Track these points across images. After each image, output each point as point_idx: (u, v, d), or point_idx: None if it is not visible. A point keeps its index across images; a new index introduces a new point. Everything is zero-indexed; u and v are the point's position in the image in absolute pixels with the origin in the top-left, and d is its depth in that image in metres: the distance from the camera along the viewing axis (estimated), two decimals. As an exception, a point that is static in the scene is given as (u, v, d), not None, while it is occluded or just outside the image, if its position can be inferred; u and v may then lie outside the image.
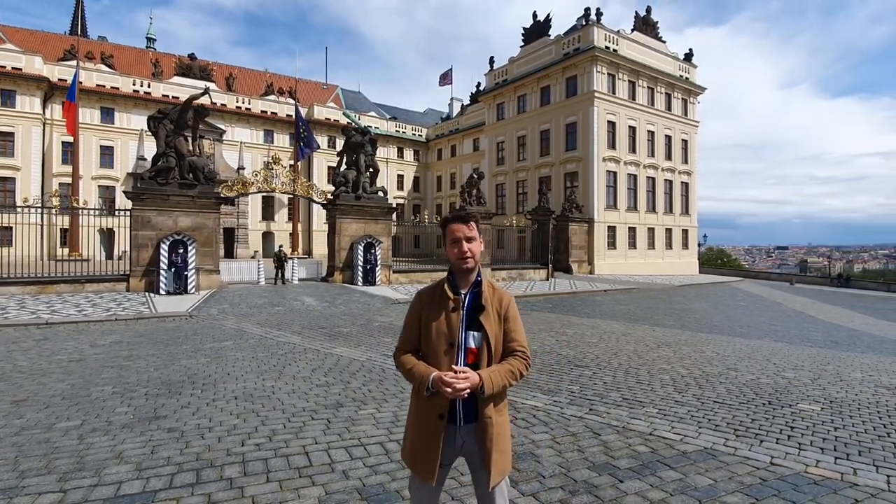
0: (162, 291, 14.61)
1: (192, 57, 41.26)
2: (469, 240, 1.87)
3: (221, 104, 40.27)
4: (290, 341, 8.66)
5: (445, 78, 52.68)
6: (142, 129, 35.27)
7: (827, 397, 5.80)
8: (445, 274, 2.00)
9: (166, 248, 14.80)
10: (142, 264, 15.08)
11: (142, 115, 35.25)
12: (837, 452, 4.01)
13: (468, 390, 1.70)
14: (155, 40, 49.66)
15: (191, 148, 16.56)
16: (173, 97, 36.42)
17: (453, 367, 1.75)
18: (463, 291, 1.89)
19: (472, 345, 1.84)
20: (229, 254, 37.59)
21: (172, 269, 14.82)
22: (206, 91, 17.06)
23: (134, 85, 37.74)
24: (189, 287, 14.99)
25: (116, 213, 16.13)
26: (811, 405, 5.43)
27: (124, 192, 16.72)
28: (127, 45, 45.18)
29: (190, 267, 15.08)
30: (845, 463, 3.80)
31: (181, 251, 14.94)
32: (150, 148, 31.95)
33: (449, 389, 1.68)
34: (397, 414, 4.75)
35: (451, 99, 54.78)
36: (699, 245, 39.95)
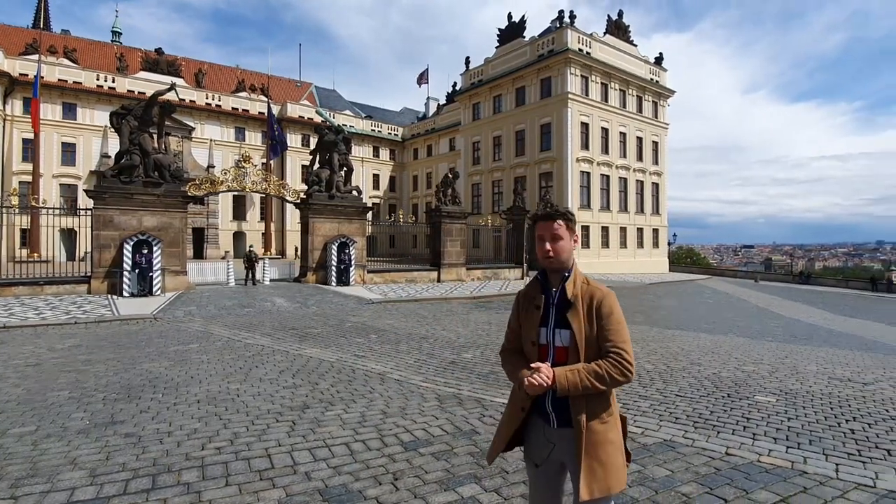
0: (125, 293, 14.12)
1: (159, 52, 40.03)
2: (554, 238, 1.84)
3: (190, 100, 39.22)
4: (259, 343, 8.49)
5: (422, 78, 52.64)
6: (105, 126, 33.92)
7: (783, 389, 6.03)
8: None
9: (130, 248, 14.31)
10: (104, 265, 14.54)
11: (106, 111, 33.73)
12: (789, 442, 4.17)
13: (540, 386, 1.65)
14: (121, 34, 47.88)
15: (156, 145, 16.06)
16: (139, 93, 35.24)
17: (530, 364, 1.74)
18: (554, 289, 1.86)
19: (560, 343, 1.79)
20: (199, 254, 36.63)
21: (136, 271, 14.34)
22: (173, 87, 16.60)
23: (98, 80, 36.39)
24: (154, 289, 14.53)
25: (78, 212, 15.52)
26: (767, 397, 5.63)
27: (85, 190, 16.10)
28: (91, 38, 43.51)
29: (155, 268, 14.62)
30: (796, 452, 3.95)
31: (146, 252, 14.48)
32: (115, 145, 30.81)
33: (525, 383, 1.67)
34: (365, 414, 4.72)
35: (428, 98, 54.76)
36: (669, 244, 41.05)
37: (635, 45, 36.94)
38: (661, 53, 38.81)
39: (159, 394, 5.36)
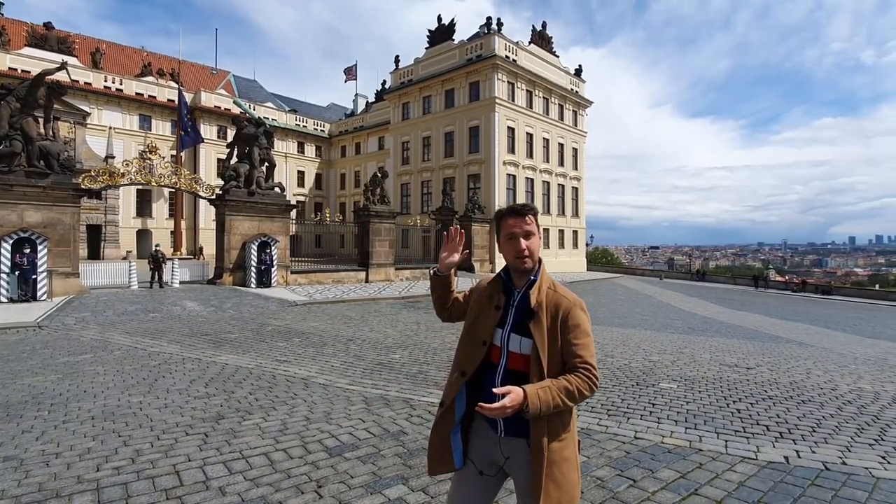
0: (3, 299, 12.32)
1: (48, 26, 35.39)
2: (527, 235, 1.69)
3: (85, 82, 35.16)
4: (166, 351, 7.80)
5: (350, 72, 51.46)
6: (-23, 106, 29.47)
7: (683, 376, 6.66)
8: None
9: (8, 247, 12.52)
10: (-26, 267, 12.58)
11: (-23, 89, 29.50)
12: (688, 423, 4.61)
13: (510, 410, 1.47)
14: (2, 4, 41.51)
15: (42, 131, 14.20)
16: (23, 71, 31.00)
17: (493, 389, 1.52)
18: (516, 290, 1.71)
19: (515, 349, 1.65)
20: (95, 255, 32.89)
21: (17, 273, 12.56)
22: (64, 65, 14.75)
23: (-32, 53, 31.42)
24: (39, 293, 12.82)
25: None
26: (670, 384, 6.19)
27: (-51, 179, 13.80)
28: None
29: (40, 269, 12.91)
30: (693, 432, 4.38)
31: (28, 251, 12.74)
32: (-11, 128, 26.75)
33: (495, 409, 1.47)
34: (286, 422, 4.50)
35: (356, 95, 53.64)
36: (587, 245, 43.72)
37: (557, 56, 38.89)
38: (580, 65, 41.21)
39: (45, 411, 4.73)
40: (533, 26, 37.65)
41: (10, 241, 12.61)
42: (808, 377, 7.02)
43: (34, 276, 12.81)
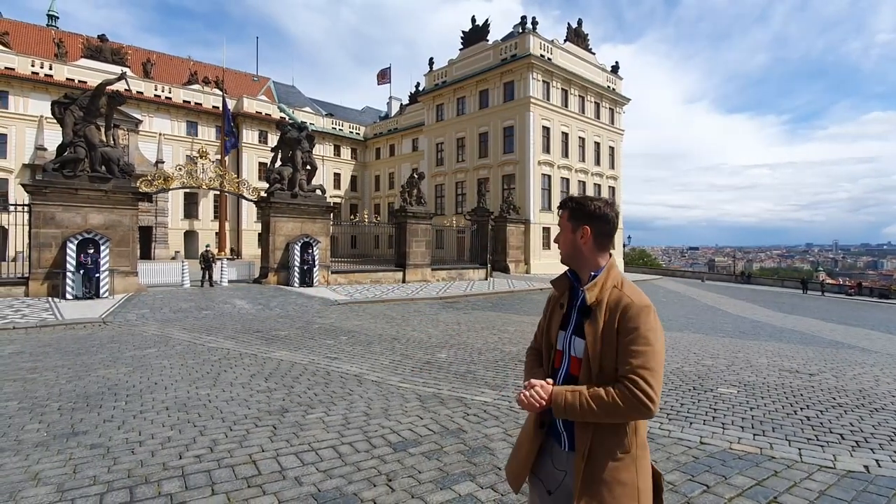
0: (69, 296, 13.15)
1: (102, 38, 37.51)
2: (560, 230, 1.67)
3: (138, 91, 36.96)
4: (223, 346, 8.14)
5: (384, 76, 52.17)
6: (41, 116, 31.62)
7: (741, 381, 6.43)
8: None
9: (74, 247, 13.35)
10: (44, 266, 13.49)
11: (42, 100, 31.64)
12: (755, 430, 4.46)
13: (531, 405, 1.45)
14: (57, 18, 44.42)
15: (103, 138, 15.08)
16: (80, 81, 32.96)
17: (530, 381, 1.52)
18: (582, 288, 1.59)
19: (574, 352, 1.54)
20: (146, 255, 34.61)
21: (81, 272, 13.39)
22: (123, 76, 15.63)
23: (33, 66, 33.65)
24: (101, 291, 13.61)
25: (10, 208, 14.31)
26: (729, 389, 5.98)
27: (23, 185, 14.85)
28: (25, 21, 40.20)
29: (102, 268, 13.71)
30: (762, 439, 4.23)
31: (91, 251, 13.55)
32: (52, 137, 28.67)
33: (520, 398, 1.48)
34: (347, 417, 4.63)
35: (390, 98, 54.30)
36: (624, 245, 42.72)
37: (593, 54, 38.19)
38: (616, 62, 40.31)
39: (122, 401, 5.04)
40: (568, 24, 37.14)
41: (76, 242, 13.45)
42: (878, 384, 6.65)
43: (97, 275, 13.62)
